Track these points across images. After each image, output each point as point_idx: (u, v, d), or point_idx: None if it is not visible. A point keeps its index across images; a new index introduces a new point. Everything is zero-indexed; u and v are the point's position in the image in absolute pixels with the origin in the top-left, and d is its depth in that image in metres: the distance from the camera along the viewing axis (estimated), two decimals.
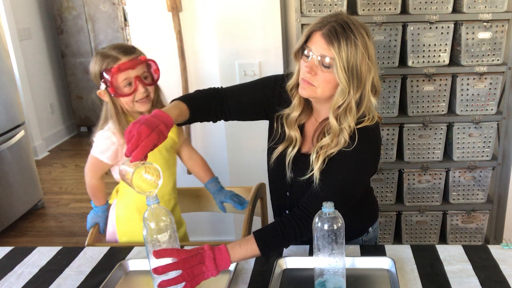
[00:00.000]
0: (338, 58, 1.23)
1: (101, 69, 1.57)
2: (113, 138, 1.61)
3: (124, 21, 4.90)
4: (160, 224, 1.20)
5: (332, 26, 1.25)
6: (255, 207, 1.87)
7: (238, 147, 2.57)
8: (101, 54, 1.59)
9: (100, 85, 1.60)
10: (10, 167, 3.31)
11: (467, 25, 2.16)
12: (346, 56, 1.23)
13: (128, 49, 1.59)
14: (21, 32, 4.52)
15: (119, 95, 1.57)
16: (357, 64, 1.25)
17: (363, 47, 1.25)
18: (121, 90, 1.57)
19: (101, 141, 1.63)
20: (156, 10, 2.43)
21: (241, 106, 1.49)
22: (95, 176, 1.71)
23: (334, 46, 1.23)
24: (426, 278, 1.28)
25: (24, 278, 1.39)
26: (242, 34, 2.36)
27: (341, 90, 1.28)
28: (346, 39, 1.23)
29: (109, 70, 1.55)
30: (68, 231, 3.32)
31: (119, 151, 1.63)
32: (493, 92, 2.25)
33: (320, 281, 1.21)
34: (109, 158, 1.64)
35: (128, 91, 1.57)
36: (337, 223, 1.14)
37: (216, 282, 1.31)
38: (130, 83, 1.57)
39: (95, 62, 1.59)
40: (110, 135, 1.61)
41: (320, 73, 1.28)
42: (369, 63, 1.27)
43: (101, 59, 1.57)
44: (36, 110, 4.73)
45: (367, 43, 1.27)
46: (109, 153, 1.63)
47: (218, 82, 2.48)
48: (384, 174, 2.44)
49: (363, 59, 1.25)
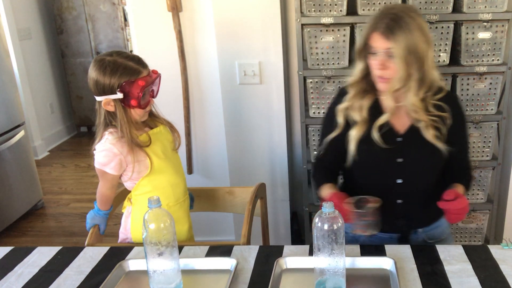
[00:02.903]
0: (399, 48, 1.38)
1: (120, 79, 1.52)
2: (114, 150, 1.58)
3: (124, 21, 4.91)
4: (160, 226, 1.20)
5: (386, 23, 1.40)
6: (255, 207, 1.87)
7: (238, 147, 2.57)
8: (117, 65, 1.53)
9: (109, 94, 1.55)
10: (10, 167, 3.31)
11: (467, 25, 2.16)
12: (405, 44, 1.38)
13: (142, 61, 1.59)
14: (21, 32, 4.52)
15: (141, 106, 1.56)
16: (416, 46, 1.39)
17: (418, 30, 1.39)
18: (143, 100, 1.57)
19: (102, 155, 1.60)
20: (156, 10, 2.43)
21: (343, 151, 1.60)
22: (105, 186, 1.69)
23: (393, 39, 1.38)
24: (426, 278, 1.28)
25: (24, 278, 1.39)
26: (242, 34, 2.36)
27: (403, 76, 1.42)
28: (401, 29, 1.38)
29: (134, 83, 1.53)
30: (68, 231, 3.32)
31: (122, 161, 1.61)
32: (493, 92, 2.25)
33: (320, 281, 1.21)
34: (113, 169, 1.62)
35: (145, 100, 1.59)
36: (337, 223, 1.14)
37: (216, 282, 1.31)
38: (144, 94, 1.57)
39: (111, 72, 1.53)
40: (110, 148, 1.58)
41: (389, 66, 1.42)
42: (426, 41, 1.41)
43: (120, 70, 1.53)
44: (36, 110, 4.73)
45: (420, 24, 1.41)
46: (113, 164, 1.61)
47: (218, 82, 2.48)
48: None
49: (419, 39, 1.39)
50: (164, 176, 1.68)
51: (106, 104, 1.57)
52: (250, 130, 2.53)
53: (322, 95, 2.32)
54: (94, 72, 1.55)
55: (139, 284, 1.35)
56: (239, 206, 1.96)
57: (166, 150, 1.70)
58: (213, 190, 2.02)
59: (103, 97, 1.56)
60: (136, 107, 1.57)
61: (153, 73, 1.62)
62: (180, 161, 1.81)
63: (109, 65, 1.53)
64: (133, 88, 1.53)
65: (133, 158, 1.60)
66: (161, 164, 1.66)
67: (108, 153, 1.59)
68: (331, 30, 2.22)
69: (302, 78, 2.30)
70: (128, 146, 1.58)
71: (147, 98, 1.60)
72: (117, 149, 1.58)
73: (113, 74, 1.53)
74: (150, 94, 1.61)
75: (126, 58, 1.56)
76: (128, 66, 1.54)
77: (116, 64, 1.54)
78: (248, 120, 2.51)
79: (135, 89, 1.53)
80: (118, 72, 1.53)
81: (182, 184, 1.77)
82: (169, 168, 1.70)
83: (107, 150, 1.59)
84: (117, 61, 1.54)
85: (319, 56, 2.27)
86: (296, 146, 2.70)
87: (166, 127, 1.74)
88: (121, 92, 1.53)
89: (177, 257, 1.25)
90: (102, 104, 1.58)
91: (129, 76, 1.53)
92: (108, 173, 1.63)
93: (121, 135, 1.58)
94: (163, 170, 1.67)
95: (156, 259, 1.22)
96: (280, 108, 2.47)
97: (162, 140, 1.70)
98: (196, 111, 2.61)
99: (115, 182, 1.69)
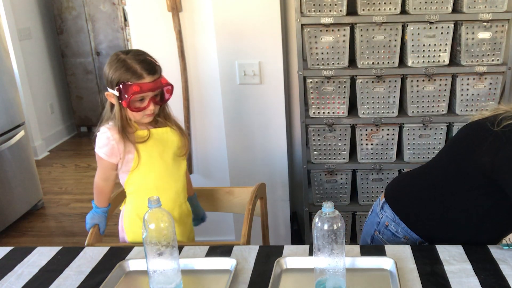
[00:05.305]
0: None
1: (120, 79, 1.55)
2: (108, 134, 1.62)
3: (124, 21, 4.90)
4: (160, 226, 1.20)
5: None
6: (255, 207, 1.87)
7: (238, 147, 2.57)
8: (124, 64, 1.56)
9: (110, 88, 1.60)
10: (10, 167, 3.31)
11: (467, 25, 2.16)
12: None
13: (152, 68, 1.59)
14: (21, 32, 4.52)
15: (130, 108, 1.58)
16: None
17: None
18: (133, 104, 1.58)
19: (99, 137, 1.65)
20: (156, 10, 2.43)
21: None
22: (100, 175, 1.71)
23: None
24: (426, 278, 1.28)
25: (24, 278, 1.39)
26: (242, 34, 2.36)
27: None
28: None
29: (130, 86, 1.54)
30: (68, 231, 3.32)
31: (115, 148, 1.62)
32: (493, 92, 2.25)
33: (320, 281, 1.21)
34: (106, 155, 1.63)
35: (139, 105, 1.59)
36: (337, 223, 1.14)
37: (216, 282, 1.31)
38: (143, 99, 1.58)
39: (115, 68, 1.56)
40: (105, 131, 1.62)
41: None
42: None
43: (123, 69, 1.55)
44: (36, 110, 4.73)
45: None
46: (106, 149, 1.63)
47: (218, 82, 2.48)
48: (384, 174, 2.44)
49: None
50: (151, 178, 1.68)
51: (109, 96, 1.63)
52: (250, 130, 2.53)
53: (322, 95, 2.32)
54: (107, 64, 1.61)
55: (139, 284, 1.35)
56: (239, 206, 1.96)
57: (165, 152, 1.69)
58: (213, 190, 2.02)
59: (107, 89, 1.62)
60: (132, 110, 1.59)
61: (162, 82, 1.61)
62: (183, 169, 1.78)
63: (118, 61, 1.58)
64: (127, 90, 1.55)
65: (124, 148, 1.62)
66: (150, 163, 1.66)
67: (102, 136, 1.63)
68: (331, 30, 2.22)
69: (302, 78, 2.30)
70: (119, 134, 1.61)
71: (144, 104, 1.59)
72: (110, 134, 1.61)
73: (116, 71, 1.56)
74: (151, 100, 1.60)
75: (137, 60, 1.57)
76: (132, 69, 1.56)
77: (123, 63, 1.57)
78: (248, 120, 2.51)
79: (128, 92, 1.54)
80: (120, 71, 1.56)
81: (173, 192, 1.73)
82: (161, 171, 1.69)
83: (101, 133, 1.64)
84: (126, 60, 1.57)
85: (319, 56, 2.27)
86: (296, 146, 2.70)
87: (175, 131, 1.72)
88: (117, 91, 1.57)
89: (177, 257, 1.25)
90: (105, 94, 1.64)
91: (127, 78, 1.55)
92: (102, 158, 1.65)
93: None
94: (152, 170, 1.67)
95: (156, 259, 1.22)
96: (280, 108, 2.47)
97: (164, 141, 1.69)
98: (196, 111, 2.61)
99: (108, 173, 1.69)
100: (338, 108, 2.34)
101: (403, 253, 1.40)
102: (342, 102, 2.33)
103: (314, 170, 2.47)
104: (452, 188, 1.42)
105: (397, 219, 1.52)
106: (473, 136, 1.41)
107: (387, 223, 1.54)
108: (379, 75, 2.26)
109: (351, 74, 2.29)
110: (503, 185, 1.31)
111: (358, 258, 1.36)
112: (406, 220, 1.51)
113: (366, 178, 2.47)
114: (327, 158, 2.44)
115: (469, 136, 1.44)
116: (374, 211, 1.62)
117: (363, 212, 2.52)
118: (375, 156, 2.42)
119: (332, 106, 2.34)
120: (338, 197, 2.52)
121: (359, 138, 2.39)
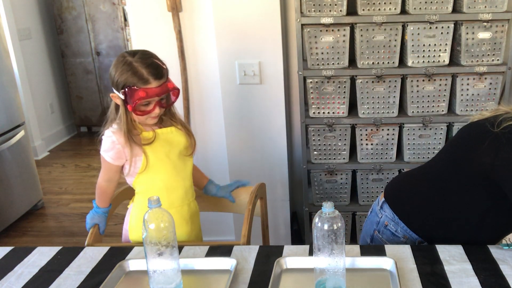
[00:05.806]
0: None
1: (126, 82, 1.54)
2: (113, 138, 1.61)
3: (124, 21, 4.90)
4: (160, 226, 1.20)
5: None
6: (255, 207, 1.87)
7: (238, 147, 2.57)
8: (131, 68, 1.54)
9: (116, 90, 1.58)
10: (10, 167, 3.31)
11: (467, 25, 2.16)
12: None
13: (159, 72, 1.57)
14: (21, 32, 4.52)
15: (135, 112, 1.57)
16: None
17: None
18: (138, 108, 1.57)
19: (104, 141, 1.64)
20: (156, 10, 2.43)
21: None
22: (103, 176, 1.71)
23: None
24: (426, 278, 1.28)
25: (24, 278, 1.39)
26: (242, 34, 2.36)
27: None
28: None
29: (136, 91, 1.53)
30: (68, 231, 3.32)
31: (121, 152, 1.62)
32: (493, 92, 2.25)
33: (320, 281, 1.21)
34: (112, 158, 1.63)
35: (144, 109, 1.58)
36: (337, 223, 1.14)
37: (216, 282, 1.31)
38: (148, 103, 1.58)
39: (122, 71, 1.54)
40: (110, 135, 1.62)
41: None
42: None
43: (130, 73, 1.54)
44: (36, 110, 4.73)
45: None
46: (112, 153, 1.63)
47: (218, 82, 2.48)
48: (384, 174, 2.44)
49: None
50: (160, 178, 1.68)
51: (114, 97, 1.62)
52: (250, 130, 2.53)
53: (322, 95, 2.32)
54: (113, 65, 1.60)
55: (139, 284, 1.34)
56: (239, 206, 1.96)
57: (171, 152, 1.69)
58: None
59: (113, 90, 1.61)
60: (136, 114, 1.58)
61: (169, 87, 1.59)
62: (190, 168, 1.77)
63: (124, 64, 1.55)
64: (133, 95, 1.54)
65: (130, 152, 1.61)
66: (158, 164, 1.66)
67: (107, 140, 1.62)
68: (331, 30, 2.22)
69: (302, 78, 2.30)
70: (125, 138, 1.60)
71: (149, 108, 1.58)
72: (116, 138, 1.61)
73: (122, 74, 1.55)
74: (157, 104, 1.59)
75: (144, 64, 1.55)
76: (138, 73, 1.54)
77: (130, 66, 1.54)
78: (248, 120, 2.51)
79: (134, 97, 1.53)
80: (126, 74, 1.54)
81: (182, 190, 1.74)
82: (169, 170, 1.69)
83: (106, 137, 1.63)
84: (133, 63, 1.55)
85: (319, 56, 2.27)
86: (296, 146, 2.70)
87: (180, 130, 1.72)
88: (123, 94, 1.56)
89: (177, 257, 1.25)
90: (110, 95, 1.63)
91: (133, 83, 1.54)
92: (107, 161, 1.65)
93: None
94: (160, 171, 1.67)
95: (156, 259, 1.22)
96: (280, 108, 2.47)
97: (170, 141, 1.69)
98: (196, 111, 2.61)
99: (112, 174, 1.69)
100: (338, 108, 2.34)
101: (403, 253, 1.40)
102: (342, 102, 2.33)
103: (314, 170, 2.47)
104: (451, 188, 1.42)
105: (397, 218, 1.52)
106: (473, 136, 1.41)
107: (387, 222, 1.54)
108: (379, 75, 2.26)
109: (351, 74, 2.29)
110: (503, 186, 1.31)
111: (358, 258, 1.36)
112: (405, 220, 1.51)
113: (366, 178, 2.47)
114: (327, 158, 2.44)
115: (469, 136, 1.44)
116: (373, 210, 1.62)
117: (363, 212, 2.52)
118: (375, 156, 2.42)
119: (332, 106, 2.34)
120: (338, 197, 2.52)
121: (359, 138, 2.39)
